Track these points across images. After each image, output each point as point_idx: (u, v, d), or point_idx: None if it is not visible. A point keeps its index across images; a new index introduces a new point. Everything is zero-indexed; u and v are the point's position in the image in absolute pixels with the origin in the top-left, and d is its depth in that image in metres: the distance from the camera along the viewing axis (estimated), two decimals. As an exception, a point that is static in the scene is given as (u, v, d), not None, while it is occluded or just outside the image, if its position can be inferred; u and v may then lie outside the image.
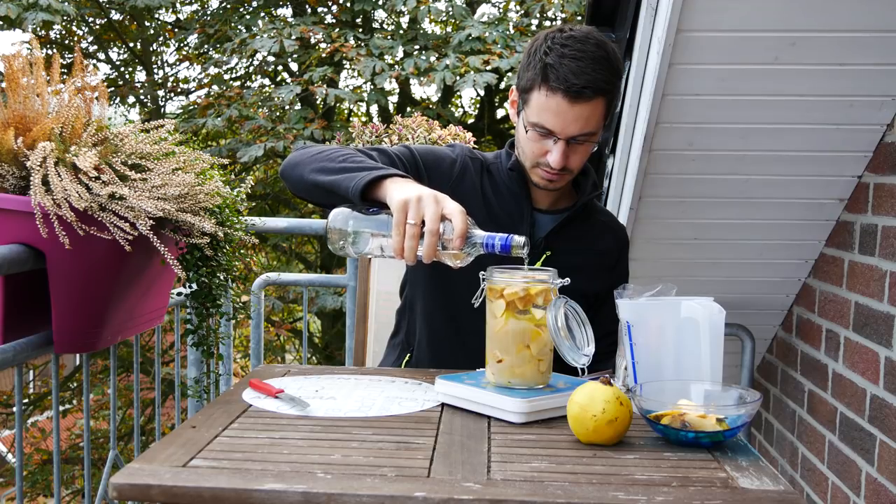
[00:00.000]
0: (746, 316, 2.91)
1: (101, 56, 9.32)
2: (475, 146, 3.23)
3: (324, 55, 6.93)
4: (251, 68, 8.62)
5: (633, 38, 2.16)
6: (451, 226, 1.40)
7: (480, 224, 1.57)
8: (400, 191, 1.45)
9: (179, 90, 9.09)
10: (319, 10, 8.00)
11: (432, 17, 7.50)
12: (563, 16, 7.32)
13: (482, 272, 1.43)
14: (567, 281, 1.41)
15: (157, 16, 9.00)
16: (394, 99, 8.49)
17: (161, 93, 8.82)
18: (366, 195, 1.50)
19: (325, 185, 1.59)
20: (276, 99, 7.30)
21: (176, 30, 8.87)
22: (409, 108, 8.28)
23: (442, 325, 1.82)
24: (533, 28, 7.54)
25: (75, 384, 8.53)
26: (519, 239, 1.38)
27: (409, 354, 1.88)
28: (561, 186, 1.76)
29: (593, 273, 1.81)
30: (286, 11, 8.70)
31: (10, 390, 8.25)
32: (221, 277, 2.04)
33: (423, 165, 1.77)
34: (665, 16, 1.94)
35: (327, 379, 1.59)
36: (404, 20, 8.06)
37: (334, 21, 7.88)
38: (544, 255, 1.78)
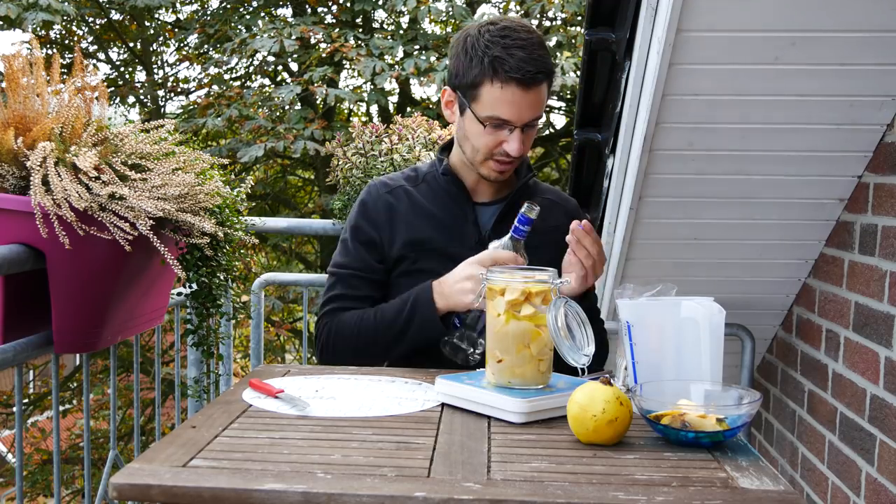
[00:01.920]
0: (746, 316, 2.91)
1: (101, 56, 9.32)
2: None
3: (324, 55, 6.93)
4: (251, 68, 8.62)
5: (633, 38, 2.16)
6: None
7: (430, 234, 1.81)
8: (456, 294, 1.68)
9: (179, 90, 9.09)
10: (319, 10, 7.99)
11: (432, 17, 7.49)
12: (564, 16, 7.32)
13: (482, 272, 1.43)
14: (567, 281, 1.41)
15: (157, 16, 9.00)
16: (394, 99, 8.49)
17: (161, 93, 8.82)
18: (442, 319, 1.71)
19: (406, 350, 1.77)
20: (276, 99, 7.30)
21: (176, 30, 8.87)
22: (409, 108, 8.28)
23: None
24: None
25: (75, 384, 8.53)
26: (524, 207, 1.64)
27: None
28: (509, 174, 1.84)
29: (551, 250, 1.82)
30: (286, 11, 8.70)
31: (10, 390, 8.25)
32: (221, 277, 2.04)
33: (367, 237, 1.85)
34: (665, 16, 1.94)
35: (327, 379, 1.59)
36: (404, 20, 8.06)
37: (334, 21, 7.88)
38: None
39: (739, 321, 2.91)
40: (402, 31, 7.58)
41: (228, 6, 8.38)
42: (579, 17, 7.02)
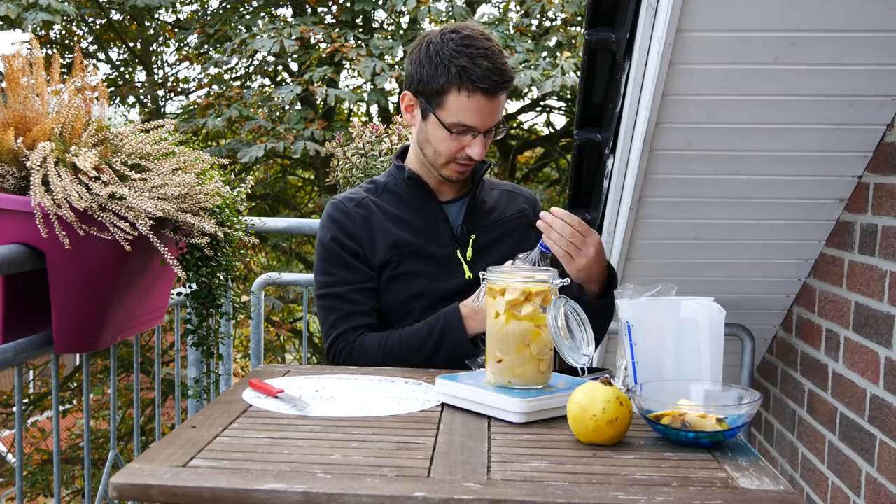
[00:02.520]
0: (746, 316, 2.91)
1: (101, 56, 9.32)
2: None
3: (324, 55, 6.93)
4: (251, 68, 8.62)
5: (633, 38, 2.16)
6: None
7: (408, 237, 1.83)
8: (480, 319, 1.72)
9: (179, 90, 9.09)
10: (319, 10, 7.99)
11: (432, 17, 7.49)
12: (564, 16, 7.32)
13: (482, 272, 1.43)
14: (567, 281, 1.41)
15: (157, 16, 9.00)
16: (394, 99, 8.48)
17: (161, 93, 8.82)
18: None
19: (441, 362, 1.78)
20: (276, 99, 7.30)
21: (176, 30, 8.87)
22: (409, 109, 8.26)
23: None
24: (533, 28, 7.54)
25: (75, 384, 8.53)
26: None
27: None
28: (468, 174, 1.89)
29: (519, 235, 1.92)
30: (286, 11, 8.70)
31: (10, 390, 8.25)
32: (221, 277, 2.04)
33: (351, 249, 1.85)
34: (665, 16, 1.94)
35: (327, 379, 1.59)
36: (404, 20, 8.06)
37: (334, 21, 7.88)
38: (470, 239, 1.87)
39: (739, 321, 2.91)
40: (402, 31, 7.58)
41: (228, 6, 8.38)
42: (579, 17, 7.02)
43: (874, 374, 2.24)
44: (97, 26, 9.05)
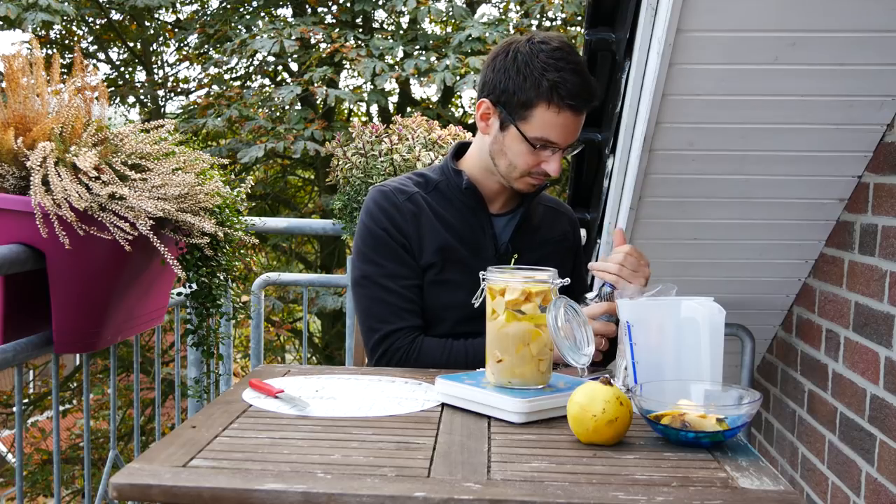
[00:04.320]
0: (746, 316, 2.91)
1: (101, 56, 9.32)
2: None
3: (324, 55, 6.93)
4: (251, 68, 8.62)
5: (633, 38, 2.16)
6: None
7: (454, 243, 1.79)
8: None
9: (179, 90, 9.09)
10: (319, 10, 7.99)
11: (432, 18, 7.49)
12: (563, 16, 7.32)
13: (482, 272, 1.43)
14: (567, 281, 1.41)
15: (157, 16, 9.00)
16: (394, 99, 8.49)
17: (161, 93, 8.82)
18: None
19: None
20: (276, 99, 7.30)
21: (176, 30, 8.87)
22: (409, 109, 8.28)
23: None
24: (533, 28, 7.53)
25: (75, 384, 8.53)
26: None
27: None
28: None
29: (560, 260, 1.89)
30: (286, 11, 8.70)
31: (10, 390, 8.25)
32: (221, 277, 2.04)
33: (400, 241, 1.79)
34: (665, 16, 1.94)
35: (327, 379, 1.59)
36: (404, 20, 8.06)
37: (334, 21, 7.88)
38: (513, 259, 1.82)
39: (739, 321, 2.91)
40: (402, 32, 7.58)
41: (228, 6, 8.38)
42: (579, 17, 7.02)
43: (874, 374, 2.24)
44: (97, 26, 9.05)
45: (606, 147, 2.58)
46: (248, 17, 8.07)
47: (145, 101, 8.86)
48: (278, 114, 7.45)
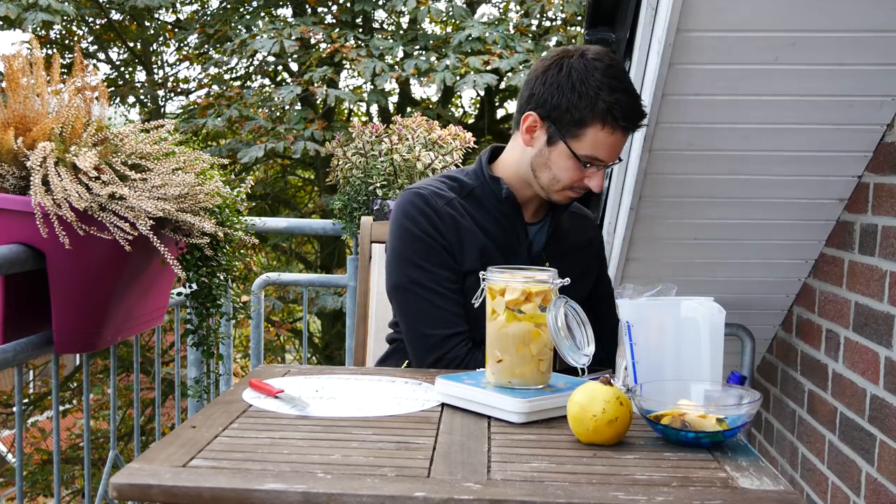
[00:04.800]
0: (746, 316, 2.91)
1: (101, 56, 9.33)
2: (475, 146, 3.23)
3: (324, 55, 6.93)
4: (251, 68, 8.62)
5: (633, 38, 2.16)
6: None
7: (493, 251, 1.76)
8: None
9: (179, 90, 9.09)
10: (319, 10, 7.99)
11: (432, 18, 7.49)
12: (563, 16, 7.32)
13: (482, 272, 1.43)
14: (567, 281, 1.41)
15: (157, 16, 9.00)
16: (394, 99, 8.49)
17: (161, 93, 8.82)
18: None
19: None
20: (276, 99, 7.30)
21: (176, 30, 8.87)
22: (409, 109, 8.28)
23: None
24: (533, 28, 7.54)
25: (75, 384, 8.53)
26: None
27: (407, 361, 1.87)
28: None
29: (586, 266, 1.91)
30: (286, 11, 8.70)
31: (10, 390, 8.25)
32: (221, 277, 2.04)
33: (441, 244, 1.75)
34: (665, 16, 1.94)
35: (327, 379, 1.59)
36: (404, 20, 8.06)
37: (334, 21, 7.88)
38: (545, 265, 1.79)
39: (739, 321, 2.91)
40: (402, 32, 7.58)
41: (228, 6, 8.38)
42: (579, 17, 7.02)
43: (874, 374, 2.24)
44: (97, 26, 9.05)
45: (606, 147, 2.58)
46: (248, 17, 8.07)
47: (145, 101, 8.86)
48: (278, 114, 7.45)
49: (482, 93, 7.94)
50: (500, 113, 9.31)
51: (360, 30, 7.86)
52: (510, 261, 1.77)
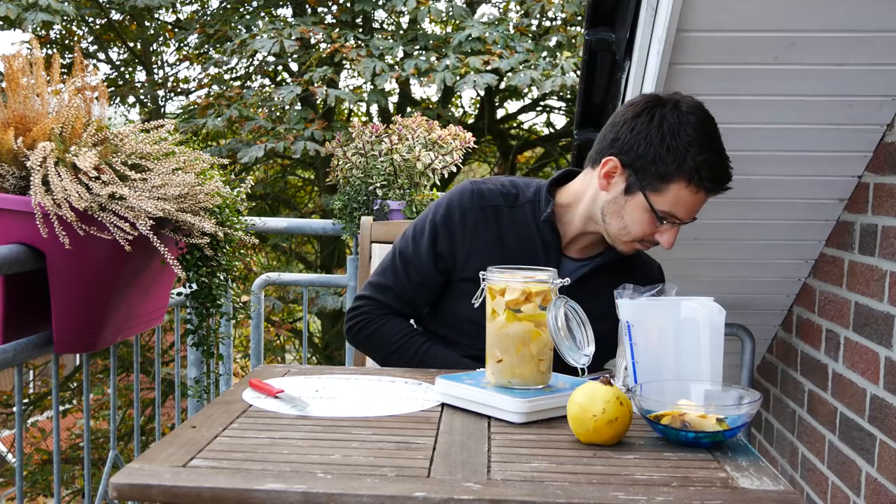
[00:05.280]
0: (746, 316, 2.91)
1: (101, 56, 9.33)
2: (475, 146, 3.23)
3: (324, 55, 6.93)
4: (251, 68, 8.62)
5: (633, 38, 2.16)
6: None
7: (484, 266, 1.67)
8: None
9: (179, 90, 9.09)
10: (319, 10, 8.00)
11: (432, 18, 7.49)
12: (563, 16, 7.32)
13: (482, 272, 1.43)
14: (567, 281, 1.41)
15: (157, 16, 9.00)
16: (394, 99, 8.50)
17: (161, 93, 8.82)
18: None
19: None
20: (276, 99, 7.31)
21: (176, 30, 8.87)
22: (409, 109, 8.29)
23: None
24: (533, 28, 7.54)
25: (75, 384, 8.53)
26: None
27: None
28: None
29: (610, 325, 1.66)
30: (286, 11, 8.70)
31: (10, 390, 8.25)
32: (221, 277, 2.04)
33: (440, 247, 1.77)
34: (665, 16, 1.94)
35: (327, 379, 1.59)
36: (404, 20, 8.06)
37: (334, 21, 7.88)
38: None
39: (739, 321, 2.91)
40: (402, 32, 7.58)
41: (228, 6, 8.38)
42: (579, 17, 7.02)
43: (874, 374, 2.24)
44: (97, 26, 9.05)
45: (606, 147, 2.58)
46: (248, 17, 8.07)
47: (145, 101, 8.86)
48: (278, 114, 7.45)
49: (482, 93, 7.94)
50: (500, 113, 9.32)
51: (360, 30, 7.86)
52: None
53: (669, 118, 1.61)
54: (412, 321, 1.88)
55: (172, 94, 9.07)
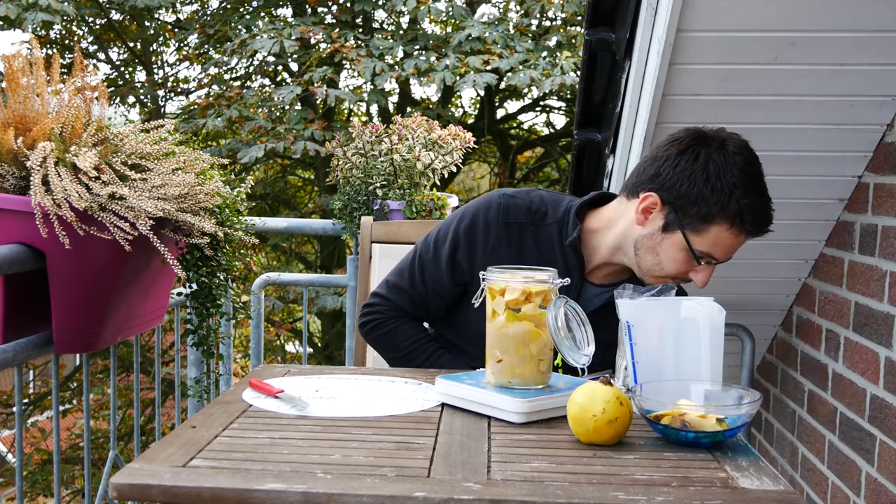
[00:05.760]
0: (746, 316, 2.91)
1: (101, 56, 9.33)
2: (475, 146, 3.23)
3: (324, 55, 6.94)
4: (251, 68, 8.62)
5: (633, 38, 2.16)
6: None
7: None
8: None
9: (179, 90, 9.09)
10: (319, 10, 8.00)
11: (432, 18, 7.49)
12: (563, 15, 7.32)
13: (482, 272, 1.43)
14: (567, 281, 1.41)
15: (157, 16, 9.00)
16: (394, 99, 8.49)
17: (161, 93, 8.82)
18: None
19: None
20: (276, 99, 7.31)
21: (176, 30, 8.87)
22: (409, 109, 8.28)
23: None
24: (533, 28, 7.54)
25: (75, 384, 8.53)
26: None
27: None
28: None
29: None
30: (286, 11, 8.71)
31: (10, 390, 8.25)
32: (221, 277, 2.04)
33: (458, 258, 1.75)
34: (665, 16, 1.94)
35: (327, 379, 1.59)
36: (404, 20, 8.06)
37: (334, 21, 7.88)
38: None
39: (739, 321, 2.91)
40: (401, 32, 7.58)
41: (228, 6, 8.38)
42: (579, 17, 7.02)
43: (874, 374, 2.24)
44: (97, 26, 9.05)
45: (606, 147, 2.58)
46: (248, 17, 8.07)
47: (145, 101, 8.86)
48: (278, 114, 7.45)
49: (482, 92, 7.94)
50: (500, 113, 9.32)
51: (360, 30, 7.86)
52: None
53: (715, 158, 1.56)
54: (426, 324, 1.88)
55: (172, 94, 9.07)
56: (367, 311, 1.84)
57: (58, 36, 8.97)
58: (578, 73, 4.67)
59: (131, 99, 8.85)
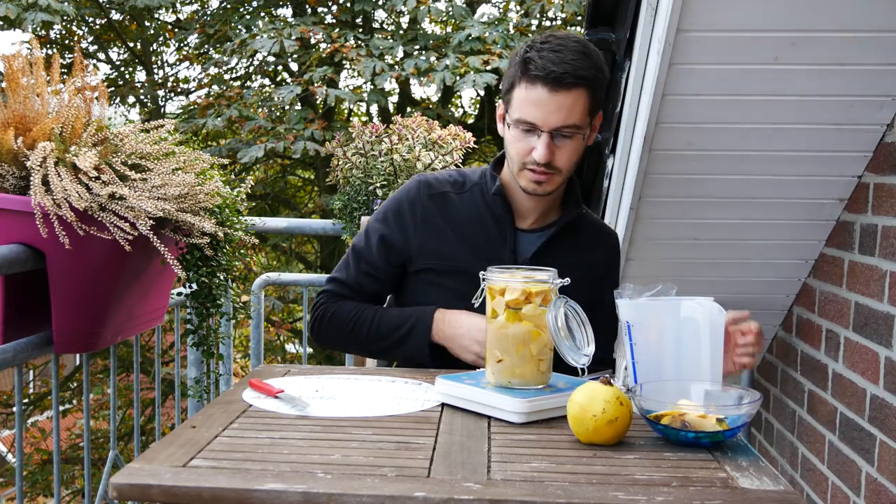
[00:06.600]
0: (746, 316, 2.90)
1: (101, 56, 9.33)
2: (475, 146, 3.23)
3: (324, 55, 6.93)
4: (251, 68, 8.62)
5: (633, 38, 2.16)
6: None
7: (460, 252, 1.76)
8: (459, 349, 1.72)
9: (179, 90, 9.09)
10: (319, 10, 8.00)
11: (432, 18, 7.49)
12: (563, 16, 7.32)
13: (482, 272, 1.43)
14: (567, 281, 1.41)
15: (157, 16, 9.00)
16: (394, 99, 8.49)
17: (161, 93, 8.82)
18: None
19: (390, 356, 1.83)
20: (276, 99, 7.31)
21: (176, 30, 8.87)
22: (409, 108, 8.28)
23: None
24: (533, 28, 7.54)
25: (75, 384, 8.53)
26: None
27: None
28: (550, 190, 1.73)
29: (583, 286, 1.63)
30: (286, 11, 8.70)
31: (10, 390, 8.25)
32: (221, 277, 2.04)
33: (389, 237, 1.81)
34: (665, 16, 1.94)
35: (327, 379, 1.59)
36: (404, 20, 8.06)
37: (334, 21, 7.88)
38: None
39: (739, 321, 2.91)
40: (402, 32, 7.58)
41: (228, 6, 8.38)
42: (579, 17, 7.02)
43: (874, 374, 2.24)
44: (97, 26, 9.05)
45: (606, 147, 2.59)
46: (248, 17, 8.07)
47: (145, 101, 8.86)
48: (278, 114, 7.45)
49: (482, 92, 7.94)
50: (500, 113, 9.29)
51: (360, 30, 7.86)
52: (486, 264, 1.54)
53: (522, 45, 1.69)
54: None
55: (172, 94, 9.07)
56: (312, 313, 1.87)
57: (58, 36, 8.97)
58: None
59: (131, 99, 8.85)
